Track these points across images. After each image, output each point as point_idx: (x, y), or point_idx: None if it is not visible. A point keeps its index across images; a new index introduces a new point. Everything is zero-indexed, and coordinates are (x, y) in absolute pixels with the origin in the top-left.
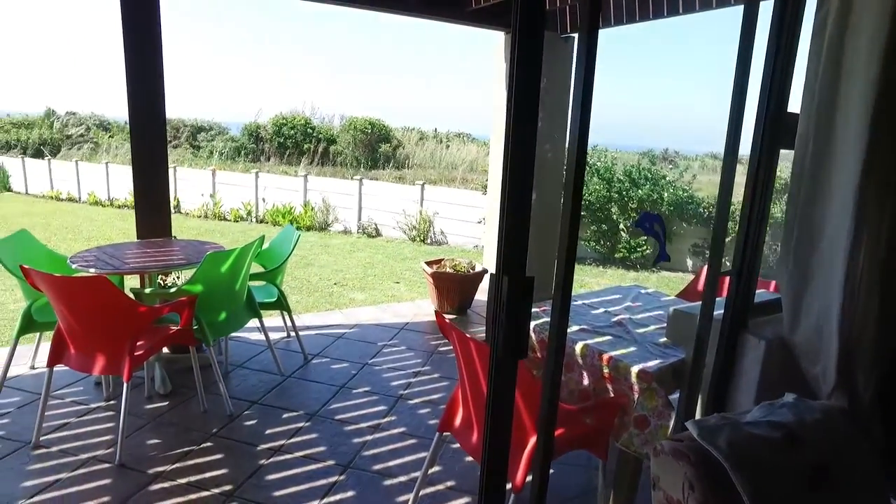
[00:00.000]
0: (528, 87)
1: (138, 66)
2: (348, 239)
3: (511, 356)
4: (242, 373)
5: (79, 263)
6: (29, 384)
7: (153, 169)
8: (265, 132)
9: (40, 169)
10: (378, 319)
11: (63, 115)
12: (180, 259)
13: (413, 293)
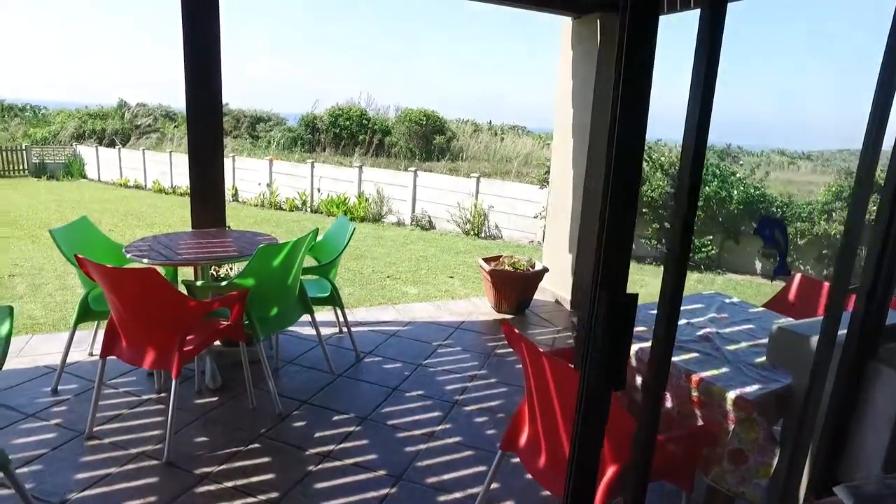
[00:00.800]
0: (637, 81)
1: (196, 57)
2: (402, 231)
3: (607, 386)
4: (292, 369)
5: (133, 253)
6: (87, 371)
7: (209, 160)
8: (321, 123)
9: (111, 157)
10: (433, 317)
11: (133, 105)
12: (233, 251)
13: (467, 289)
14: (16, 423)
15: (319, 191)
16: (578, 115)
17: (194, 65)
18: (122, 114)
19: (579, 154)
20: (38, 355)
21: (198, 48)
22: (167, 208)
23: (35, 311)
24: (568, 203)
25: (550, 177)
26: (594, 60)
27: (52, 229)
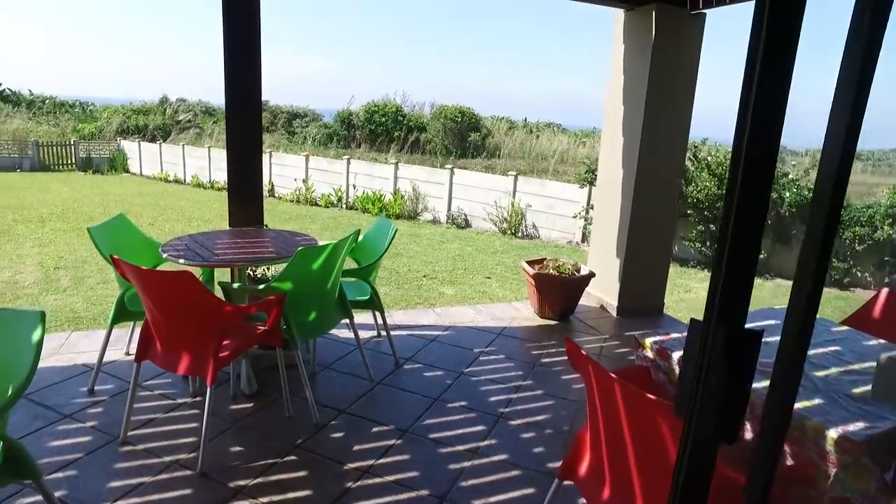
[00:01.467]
0: (776, 81)
1: (236, 55)
2: (437, 229)
3: (718, 438)
4: (330, 375)
5: (169, 253)
6: (123, 371)
7: (247, 158)
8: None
9: (153, 152)
10: (474, 322)
11: (174, 101)
12: (270, 252)
13: (505, 290)
14: (53, 423)
15: (355, 187)
16: (630, 114)
17: (234, 64)
18: (163, 109)
19: (630, 154)
20: (77, 353)
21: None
22: (205, 203)
23: (77, 305)
24: (616, 205)
25: (598, 176)
26: (648, 55)
27: (90, 227)
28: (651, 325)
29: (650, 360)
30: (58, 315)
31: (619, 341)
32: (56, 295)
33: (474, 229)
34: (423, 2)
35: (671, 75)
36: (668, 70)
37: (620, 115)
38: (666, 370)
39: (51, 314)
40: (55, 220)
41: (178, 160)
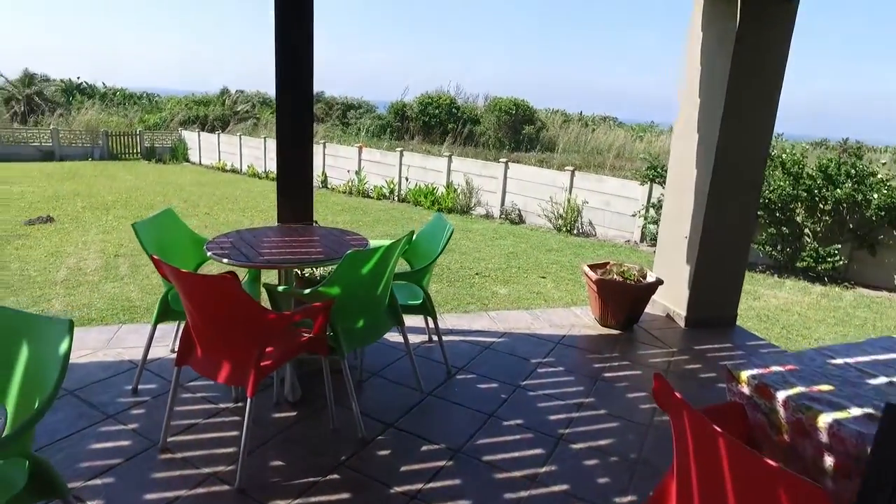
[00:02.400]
0: None
1: (287, 45)
2: (490, 224)
3: None
4: (378, 383)
5: (214, 251)
6: (167, 370)
7: (297, 152)
8: (410, 111)
9: (211, 142)
10: (530, 328)
11: (234, 92)
12: (318, 253)
13: (561, 291)
14: (96, 424)
15: (407, 180)
16: (706, 109)
17: (284, 55)
18: (223, 101)
19: (706, 151)
20: (124, 348)
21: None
22: (259, 193)
23: (132, 294)
24: (687, 206)
25: (668, 176)
26: (730, 45)
27: (135, 223)
28: (723, 338)
29: (746, 396)
30: (113, 304)
31: (689, 356)
32: (114, 283)
33: (528, 225)
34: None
35: (756, 68)
36: (753, 62)
37: (695, 110)
38: (766, 411)
39: (107, 302)
40: (118, 207)
41: (235, 150)
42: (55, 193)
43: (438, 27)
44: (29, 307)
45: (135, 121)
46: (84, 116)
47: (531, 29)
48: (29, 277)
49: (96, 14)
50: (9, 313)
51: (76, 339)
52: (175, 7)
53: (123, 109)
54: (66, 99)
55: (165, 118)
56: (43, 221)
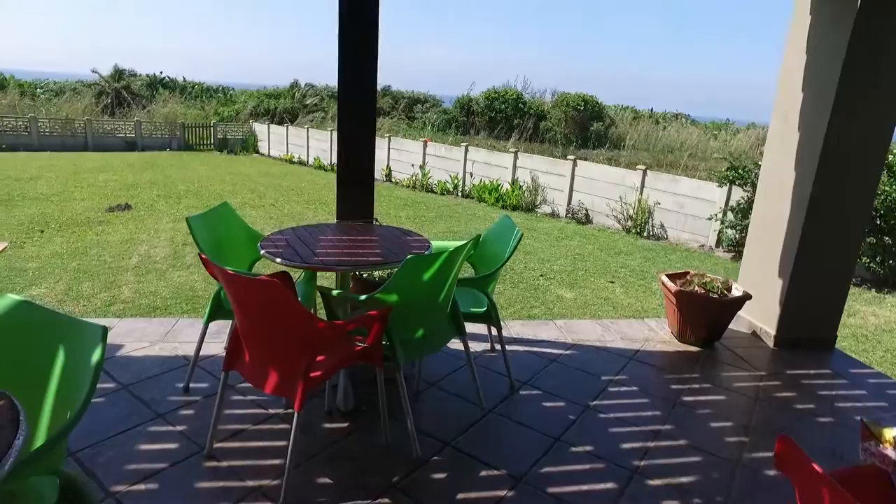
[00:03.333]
0: None
1: (351, 36)
2: (556, 224)
3: None
4: (435, 395)
5: (268, 249)
6: (219, 368)
7: (359, 147)
8: (476, 106)
9: (280, 134)
10: (601, 340)
11: (303, 86)
12: (376, 255)
13: (630, 297)
14: (146, 423)
15: (472, 175)
16: (812, 103)
17: (348, 49)
18: (292, 94)
19: (809, 151)
20: (180, 342)
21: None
22: (324, 185)
23: (196, 283)
24: (783, 213)
25: (760, 178)
26: (847, 29)
27: (190, 217)
28: (820, 362)
29: (892, 461)
30: (178, 293)
31: (780, 381)
32: (180, 272)
33: (595, 225)
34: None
35: (877, 54)
36: (875, 47)
37: (797, 104)
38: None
39: (172, 291)
40: (190, 197)
41: (303, 142)
42: (134, 182)
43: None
44: (100, 293)
45: (210, 113)
46: (164, 109)
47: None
48: (105, 263)
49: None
50: (43, 313)
51: (137, 329)
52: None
53: (200, 102)
54: (150, 93)
55: (238, 110)
56: (121, 209)
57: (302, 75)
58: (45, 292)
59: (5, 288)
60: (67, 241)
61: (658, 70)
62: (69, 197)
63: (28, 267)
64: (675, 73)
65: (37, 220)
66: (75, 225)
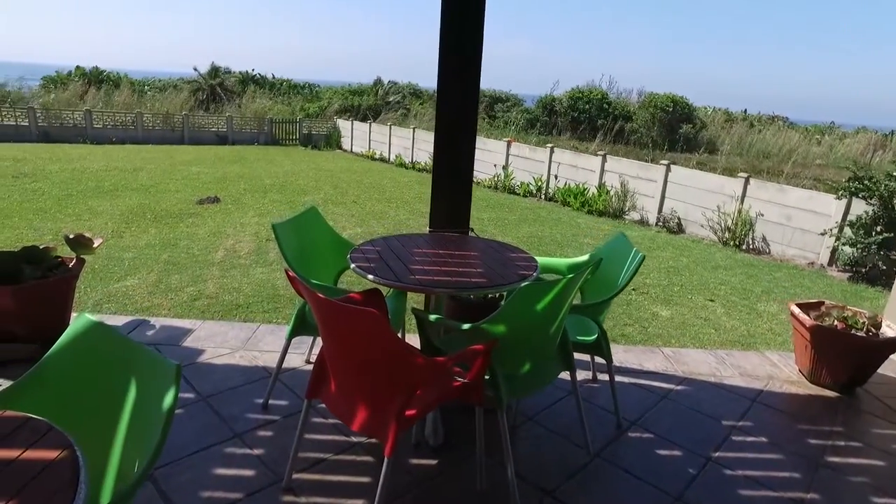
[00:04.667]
0: None
1: (454, 37)
2: (646, 232)
3: None
4: (533, 431)
5: (359, 263)
6: (301, 383)
7: (458, 150)
8: (560, 105)
9: (363, 131)
10: (716, 375)
11: (386, 83)
12: (479, 276)
13: (733, 319)
14: (222, 442)
15: (556, 178)
16: None
17: (449, 44)
18: (376, 91)
19: None
20: (260, 351)
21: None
22: (405, 183)
23: (278, 281)
24: None
25: None
26: None
27: (276, 223)
28: None
29: None
30: (260, 290)
31: None
32: (263, 268)
33: (688, 235)
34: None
35: None
36: None
37: None
38: None
39: (254, 288)
40: (275, 191)
41: (385, 139)
42: (224, 175)
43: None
44: (188, 286)
45: (296, 109)
46: (254, 105)
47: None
48: (193, 256)
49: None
50: (117, 339)
51: (218, 333)
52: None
53: (288, 98)
54: (242, 89)
55: (323, 106)
56: (211, 202)
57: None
58: (137, 283)
59: (104, 276)
60: (160, 233)
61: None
62: (165, 189)
63: (125, 257)
64: (774, 74)
65: (135, 211)
66: (168, 216)
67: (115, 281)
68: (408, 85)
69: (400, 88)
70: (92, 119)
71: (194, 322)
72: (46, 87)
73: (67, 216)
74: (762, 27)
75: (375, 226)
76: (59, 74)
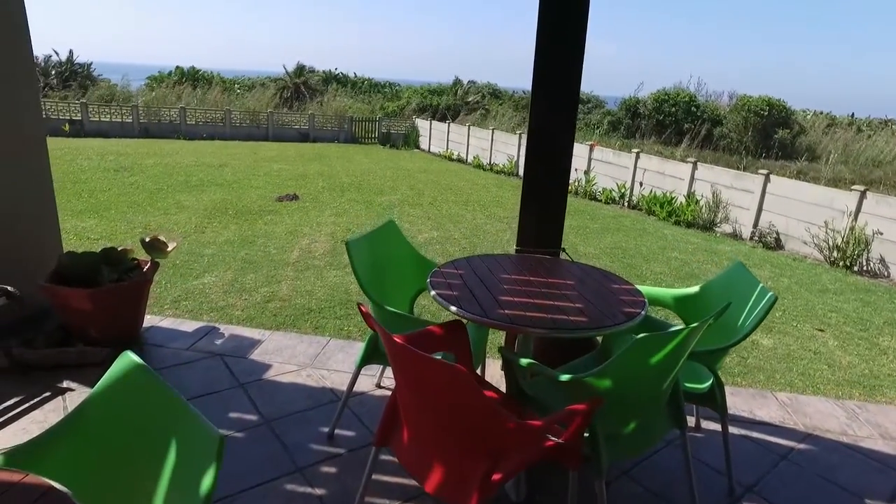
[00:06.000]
0: None
1: (553, 29)
2: (739, 247)
3: None
4: (628, 489)
5: (440, 291)
6: (370, 411)
7: (553, 161)
8: (644, 108)
9: (441, 131)
10: (847, 433)
11: (465, 83)
12: (578, 313)
13: (850, 354)
14: (283, 476)
15: (641, 185)
16: None
17: (550, 36)
18: (455, 91)
19: None
20: (329, 370)
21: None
22: (482, 186)
23: (351, 286)
24: None
25: None
26: None
27: (350, 240)
28: None
29: None
30: (332, 294)
31: None
32: (337, 271)
33: (788, 253)
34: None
35: None
36: None
37: None
38: None
39: (327, 292)
40: (352, 190)
41: (463, 140)
42: (303, 172)
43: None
44: (262, 287)
45: (376, 108)
46: (335, 103)
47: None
48: (269, 255)
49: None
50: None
51: (287, 346)
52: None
53: (368, 97)
54: (325, 87)
55: (402, 105)
56: (289, 199)
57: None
58: (214, 281)
59: (185, 273)
60: (240, 229)
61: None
62: (247, 185)
63: (205, 253)
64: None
65: (218, 206)
66: (248, 213)
67: (194, 278)
68: (487, 85)
69: (479, 88)
70: (186, 116)
71: (263, 332)
72: (150, 86)
73: (157, 210)
74: (872, 24)
75: (452, 230)
76: (161, 74)
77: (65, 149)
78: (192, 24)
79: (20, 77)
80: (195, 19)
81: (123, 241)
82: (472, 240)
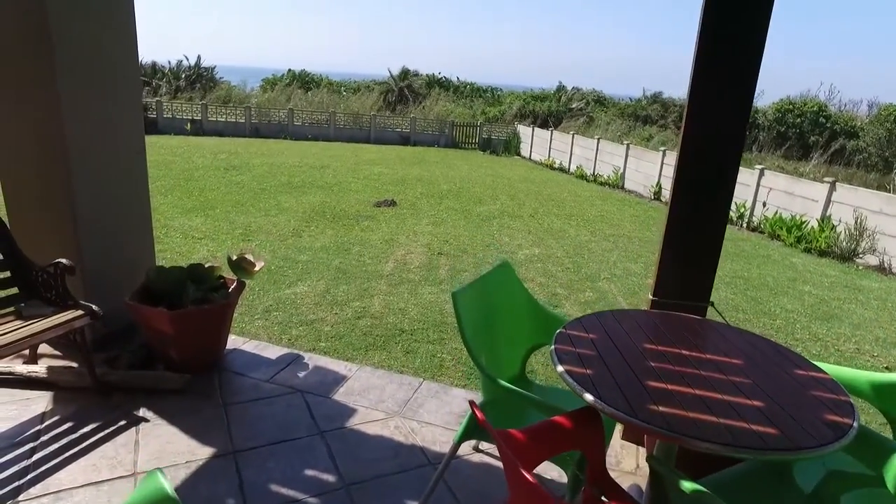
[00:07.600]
0: None
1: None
2: (890, 284)
3: None
4: None
5: (569, 368)
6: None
7: (710, 193)
8: (764, 119)
9: (543, 138)
10: None
11: (570, 89)
12: (759, 417)
13: None
14: None
15: (765, 205)
16: None
17: (716, 37)
18: (558, 97)
19: None
20: (420, 423)
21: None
22: (587, 198)
23: (446, 306)
24: None
25: None
26: None
27: (456, 291)
28: None
29: None
30: (426, 314)
31: None
32: (432, 287)
33: None
34: None
35: None
36: None
37: None
38: None
39: (420, 311)
40: (451, 197)
41: (566, 148)
42: (403, 177)
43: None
44: (354, 300)
45: (477, 112)
46: (436, 107)
47: None
48: (363, 264)
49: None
50: None
51: (374, 388)
52: None
53: (469, 102)
54: (428, 91)
55: (503, 111)
56: (387, 205)
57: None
58: (307, 290)
59: (278, 279)
60: (336, 235)
61: None
62: (346, 188)
63: (300, 259)
64: None
65: (317, 209)
66: (346, 217)
67: (287, 286)
68: (591, 91)
69: (583, 95)
70: (293, 117)
71: (349, 366)
72: (264, 88)
73: (258, 210)
74: None
75: (554, 247)
76: (275, 77)
77: (185, 147)
78: (305, 28)
79: (131, 98)
80: (308, 23)
81: (224, 241)
82: (576, 259)
